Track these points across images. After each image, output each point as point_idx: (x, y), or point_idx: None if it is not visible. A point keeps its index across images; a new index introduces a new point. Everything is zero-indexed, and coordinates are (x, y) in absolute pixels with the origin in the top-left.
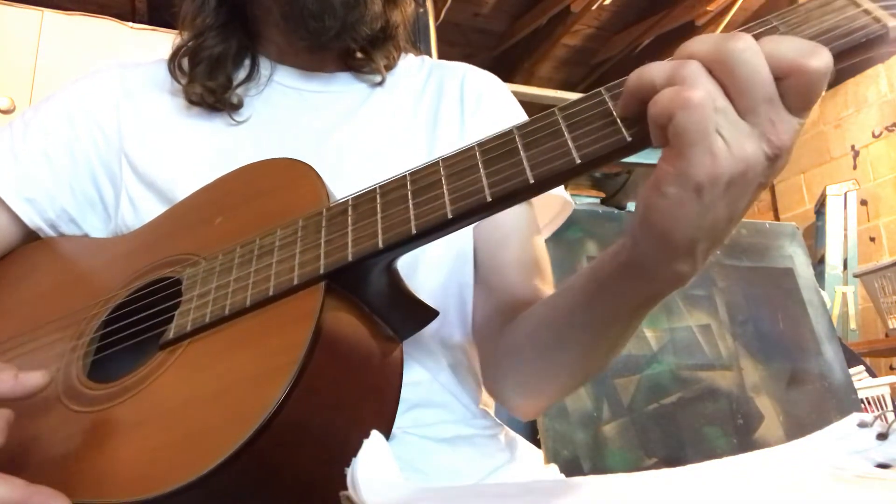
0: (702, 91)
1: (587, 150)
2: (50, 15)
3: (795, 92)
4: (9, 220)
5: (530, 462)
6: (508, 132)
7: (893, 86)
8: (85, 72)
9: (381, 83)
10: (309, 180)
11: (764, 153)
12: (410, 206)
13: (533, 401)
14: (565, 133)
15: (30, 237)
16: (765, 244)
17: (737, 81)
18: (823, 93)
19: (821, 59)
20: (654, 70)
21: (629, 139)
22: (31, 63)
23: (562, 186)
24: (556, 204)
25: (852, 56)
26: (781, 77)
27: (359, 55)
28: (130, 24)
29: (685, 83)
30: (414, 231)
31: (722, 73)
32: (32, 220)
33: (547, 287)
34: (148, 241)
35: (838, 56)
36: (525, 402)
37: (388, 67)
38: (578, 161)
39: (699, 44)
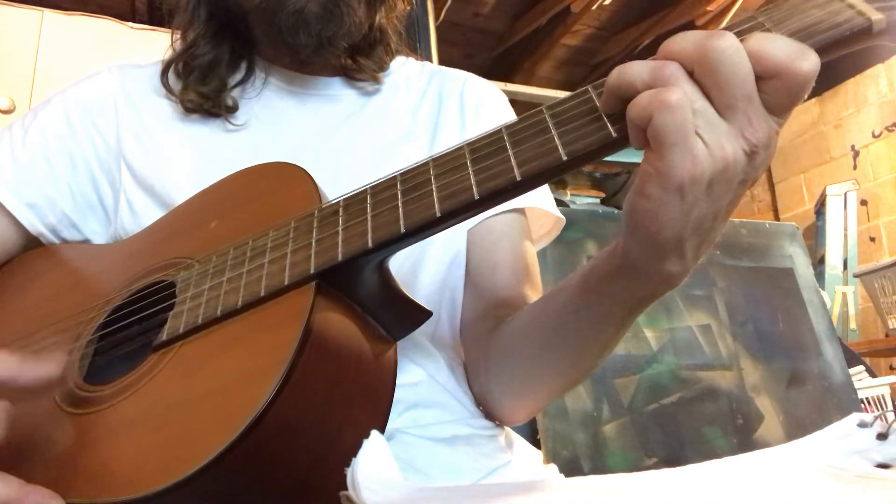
0: (679, 93)
1: (574, 146)
2: (50, 15)
3: (780, 93)
4: (10, 226)
5: (530, 462)
6: (497, 131)
7: (893, 86)
8: (85, 72)
9: (377, 88)
10: (302, 183)
11: (743, 151)
12: (400, 205)
13: (519, 403)
14: (552, 130)
15: (30, 244)
16: (765, 244)
17: (717, 79)
18: (807, 95)
19: (810, 62)
20: (635, 70)
21: (615, 135)
22: (31, 63)
23: (553, 204)
24: (549, 221)
25: (837, 50)
26: (768, 77)
27: (350, 63)
28: (130, 24)
29: (664, 85)
30: (403, 230)
31: (702, 72)
32: (34, 225)
33: (535, 293)
34: (145, 245)
35: (823, 50)
36: (511, 403)
37: (381, 70)
38: (565, 157)
39: (680, 43)
